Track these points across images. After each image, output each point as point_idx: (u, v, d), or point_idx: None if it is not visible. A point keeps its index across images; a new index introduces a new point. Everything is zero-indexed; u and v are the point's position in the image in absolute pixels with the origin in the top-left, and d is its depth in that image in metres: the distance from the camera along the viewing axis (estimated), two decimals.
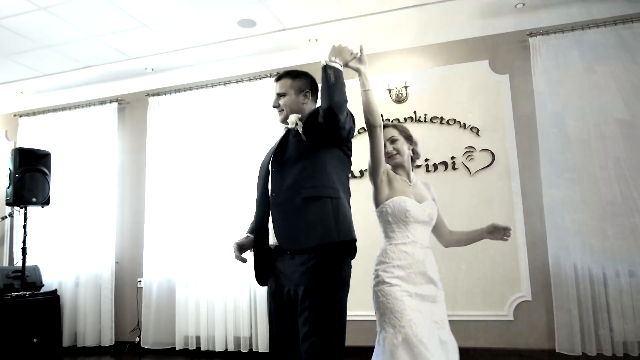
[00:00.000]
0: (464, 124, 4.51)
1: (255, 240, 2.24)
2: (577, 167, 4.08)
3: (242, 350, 4.69)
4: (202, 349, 4.81)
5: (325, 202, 2.07)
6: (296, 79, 2.37)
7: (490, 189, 4.38)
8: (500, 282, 4.26)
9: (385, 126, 2.41)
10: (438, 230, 2.47)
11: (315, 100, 2.39)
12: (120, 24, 4.49)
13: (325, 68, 2.11)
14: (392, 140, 2.40)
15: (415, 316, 2.11)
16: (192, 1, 4.14)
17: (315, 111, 2.22)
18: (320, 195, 2.07)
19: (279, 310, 2.20)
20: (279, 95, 2.35)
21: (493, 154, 4.41)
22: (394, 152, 2.39)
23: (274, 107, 2.37)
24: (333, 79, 2.08)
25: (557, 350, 3.95)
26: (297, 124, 2.19)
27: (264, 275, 2.24)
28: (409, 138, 2.44)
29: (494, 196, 4.36)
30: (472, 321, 4.26)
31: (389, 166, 2.41)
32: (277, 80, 2.40)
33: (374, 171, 2.32)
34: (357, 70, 2.25)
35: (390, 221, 2.29)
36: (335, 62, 2.14)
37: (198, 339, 4.87)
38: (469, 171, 4.44)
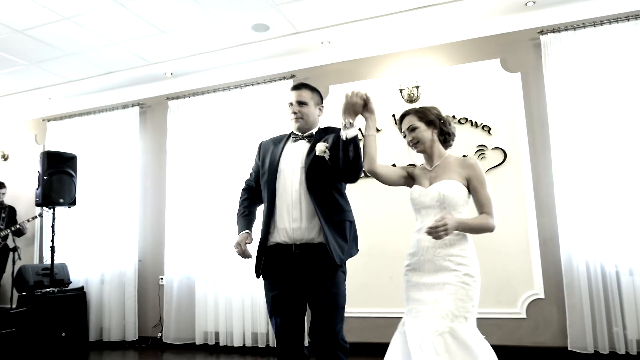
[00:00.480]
0: (476, 122, 4.53)
1: (265, 236, 2.45)
2: (589, 165, 4.06)
3: (259, 346, 4.82)
4: (220, 344, 4.97)
5: (347, 224, 2.43)
6: (314, 92, 2.57)
7: (502, 187, 4.39)
8: (513, 280, 4.27)
9: (407, 113, 2.40)
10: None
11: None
12: (140, 31, 4.67)
13: (346, 145, 2.24)
14: (411, 129, 2.34)
15: (410, 308, 2.21)
16: (207, 8, 4.28)
17: (337, 139, 2.35)
18: (346, 219, 2.44)
19: (284, 306, 2.39)
20: (300, 103, 2.50)
21: (505, 152, 4.42)
22: (415, 140, 2.34)
23: (294, 112, 2.50)
24: (353, 154, 2.25)
25: (569, 348, 3.96)
26: (325, 152, 2.35)
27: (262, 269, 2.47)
28: (430, 122, 2.35)
29: (506, 194, 4.36)
30: (486, 318, 4.24)
31: (404, 169, 2.45)
32: (297, 89, 2.54)
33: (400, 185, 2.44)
34: (366, 119, 2.32)
35: (413, 211, 2.37)
36: (352, 125, 2.26)
37: (217, 334, 5.02)
38: None
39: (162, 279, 5.44)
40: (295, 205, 2.38)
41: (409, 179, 2.41)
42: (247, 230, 2.51)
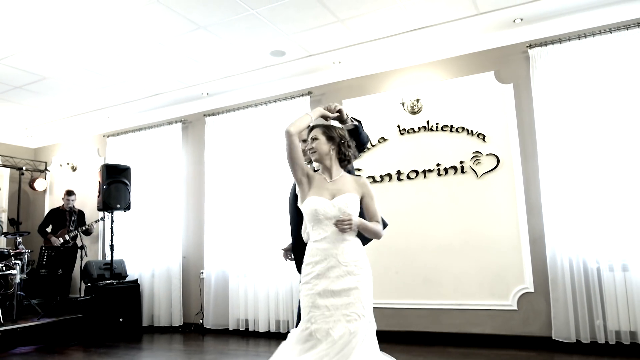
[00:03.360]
0: (472, 130, 4.93)
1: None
2: (572, 170, 4.37)
3: (281, 332, 5.48)
4: (249, 330, 5.68)
5: None
6: None
7: (495, 190, 4.78)
8: (505, 275, 4.65)
9: (315, 126, 2.58)
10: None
11: None
12: (178, 61, 5.46)
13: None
14: (313, 139, 2.54)
15: (317, 314, 2.31)
16: (229, 41, 4.97)
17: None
18: None
19: None
20: (313, 140, 2.66)
21: (498, 158, 4.80)
22: (313, 150, 2.53)
23: (309, 149, 2.65)
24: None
25: (553, 338, 4.30)
26: None
27: None
28: (331, 138, 2.53)
29: (499, 197, 4.75)
30: (480, 310, 4.71)
31: (307, 167, 2.59)
32: (313, 128, 2.66)
33: (292, 172, 2.52)
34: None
35: (308, 220, 2.47)
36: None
37: (247, 321, 5.75)
38: (476, 174, 4.86)
39: (202, 273, 6.23)
40: None
41: (305, 179, 2.51)
42: None
